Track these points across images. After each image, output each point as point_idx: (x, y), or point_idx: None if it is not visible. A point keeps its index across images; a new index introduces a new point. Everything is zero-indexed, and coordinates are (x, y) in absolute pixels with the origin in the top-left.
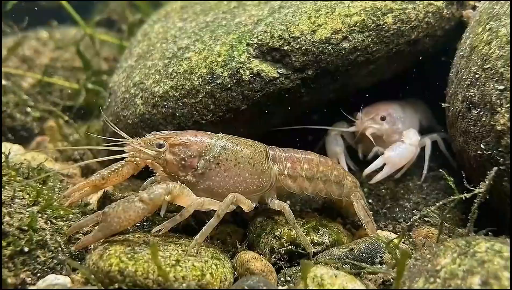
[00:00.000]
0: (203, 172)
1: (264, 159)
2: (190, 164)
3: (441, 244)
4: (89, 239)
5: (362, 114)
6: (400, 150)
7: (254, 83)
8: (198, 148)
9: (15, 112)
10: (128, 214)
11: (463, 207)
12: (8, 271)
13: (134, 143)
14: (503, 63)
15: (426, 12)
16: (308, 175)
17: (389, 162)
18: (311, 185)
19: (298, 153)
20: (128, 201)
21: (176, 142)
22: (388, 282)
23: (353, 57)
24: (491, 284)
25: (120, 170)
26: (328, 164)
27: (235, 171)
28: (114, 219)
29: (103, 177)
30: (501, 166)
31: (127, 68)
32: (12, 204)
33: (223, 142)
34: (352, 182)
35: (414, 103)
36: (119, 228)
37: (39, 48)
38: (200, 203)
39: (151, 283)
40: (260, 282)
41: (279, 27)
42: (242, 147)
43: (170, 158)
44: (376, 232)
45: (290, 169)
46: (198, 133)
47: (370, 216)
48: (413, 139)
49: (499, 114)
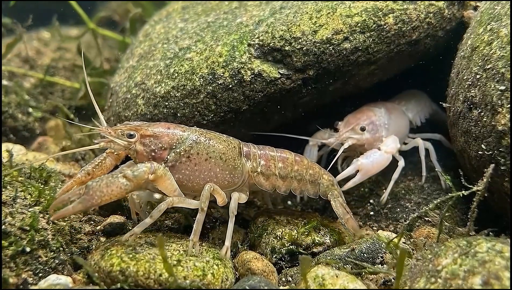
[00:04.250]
0: (173, 165)
1: (237, 155)
2: (160, 156)
3: (442, 244)
4: (68, 209)
5: (342, 124)
6: (373, 158)
7: (255, 84)
8: (169, 140)
9: (16, 112)
10: (111, 189)
11: (464, 207)
12: (9, 271)
13: (104, 132)
14: (504, 64)
15: (427, 13)
16: (282, 174)
17: (362, 169)
18: (284, 184)
19: (273, 151)
20: (112, 176)
21: (147, 133)
22: (389, 282)
23: (354, 58)
24: (492, 284)
25: (103, 163)
26: (303, 163)
27: (206, 165)
28: (96, 192)
29: (88, 172)
30: (502, 166)
31: (129, 68)
32: (14, 204)
33: (196, 136)
34: (328, 181)
35: (408, 100)
36: (100, 202)
37: (41, 48)
38: (170, 202)
39: (152, 283)
40: (261, 282)
41: (280, 28)
42: (215, 142)
43: (141, 149)
44: (357, 229)
45: (264, 167)
46: (171, 126)
47: (349, 213)
48: (390, 147)
49: (500, 115)
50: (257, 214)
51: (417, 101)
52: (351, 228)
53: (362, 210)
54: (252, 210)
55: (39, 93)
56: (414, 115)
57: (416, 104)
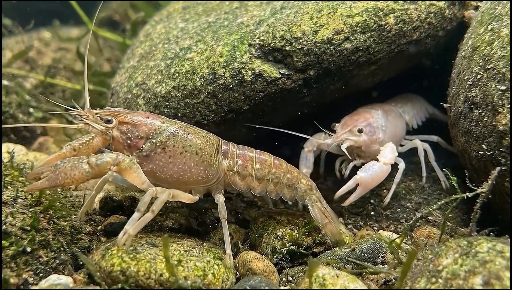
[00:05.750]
0: (147, 155)
1: (214, 152)
2: (135, 144)
3: (443, 244)
4: (36, 185)
5: (339, 126)
6: (372, 171)
7: (256, 84)
8: (146, 129)
9: (17, 113)
10: (74, 173)
11: (465, 207)
12: (10, 271)
13: (82, 115)
14: (505, 64)
15: (428, 13)
16: (259, 175)
17: (362, 183)
18: (260, 186)
19: (253, 152)
20: (77, 160)
21: (125, 121)
22: (390, 282)
23: (355, 58)
24: (492, 284)
25: (90, 142)
26: (282, 166)
27: (181, 159)
28: (61, 173)
29: (74, 148)
30: (503, 166)
31: (129, 68)
32: (14, 204)
33: (174, 128)
34: (306, 185)
35: (404, 102)
36: (63, 183)
37: (42, 49)
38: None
39: (153, 283)
40: (261, 282)
41: (281, 28)
42: (193, 136)
43: (117, 135)
44: (336, 234)
45: (241, 167)
46: (151, 116)
47: (328, 217)
48: (388, 158)
49: (501, 115)
50: (258, 214)
51: (413, 104)
52: (330, 233)
53: (363, 210)
54: (253, 210)
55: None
56: (411, 117)
57: (412, 106)
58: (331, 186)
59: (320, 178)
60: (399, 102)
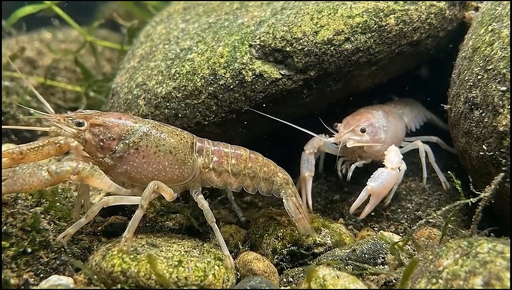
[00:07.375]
0: (121, 156)
1: (189, 150)
2: (108, 146)
3: (443, 245)
4: None
5: (342, 126)
6: (383, 179)
7: (257, 84)
8: (119, 130)
9: (18, 113)
10: (32, 180)
11: (466, 207)
12: (11, 272)
13: (53, 119)
14: (505, 64)
15: (428, 13)
16: (235, 171)
17: (374, 193)
18: (236, 181)
19: (228, 148)
20: (37, 167)
21: (97, 122)
22: (390, 283)
23: (355, 58)
24: (493, 284)
25: (40, 149)
26: (258, 160)
27: (154, 158)
28: (19, 179)
29: (21, 152)
30: (503, 167)
31: (130, 69)
32: (15, 205)
33: (147, 128)
34: (282, 179)
35: (403, 105)
36: (21, 190)
37: (42, 49)
38: (104, 202)
39: (153, 284)
40: (262, 283)
41: (281, 28)
42: (166, 135)
43: (89, 137)
44: (308, 229)
45: (216, 163)
46: (123, 116)
47: (302, 213)
48: (394, 162)
49: (502, 115)
50: (259, 215)
51: (411, 108)
52: (302, 227)
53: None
54: (254, 211)
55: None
56: (409, 120)
57: (411, 110)
58: (331, 186)
59: (320, 178)
60: (398, 104)
